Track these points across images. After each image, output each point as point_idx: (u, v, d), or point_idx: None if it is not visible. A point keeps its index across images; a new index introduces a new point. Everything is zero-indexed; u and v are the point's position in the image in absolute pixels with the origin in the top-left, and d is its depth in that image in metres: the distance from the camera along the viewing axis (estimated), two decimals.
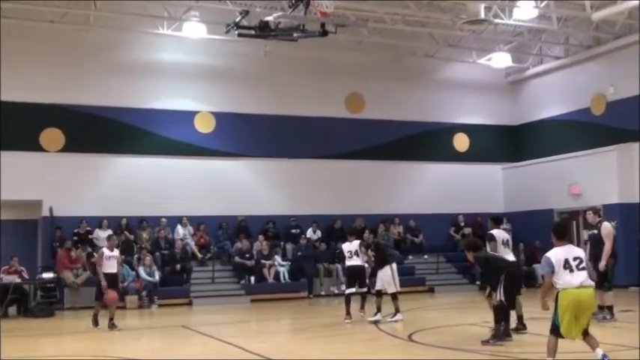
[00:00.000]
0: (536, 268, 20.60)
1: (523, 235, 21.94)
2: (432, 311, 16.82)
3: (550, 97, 23.96)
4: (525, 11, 19.11)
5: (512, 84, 25.36)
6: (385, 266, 13.55)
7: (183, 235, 20.30)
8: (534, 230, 21.33)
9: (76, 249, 18.83)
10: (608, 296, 12.17)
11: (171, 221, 20.49)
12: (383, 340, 11.64)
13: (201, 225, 20.76)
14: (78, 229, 19.45)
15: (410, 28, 20.67)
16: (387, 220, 22.53)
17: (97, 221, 19.68)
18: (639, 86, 20.02)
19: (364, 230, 16.97)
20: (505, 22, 19.50)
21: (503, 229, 11.87)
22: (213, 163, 21.46)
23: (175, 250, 19.63)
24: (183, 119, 21.28)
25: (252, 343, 11.16)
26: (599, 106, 22.06)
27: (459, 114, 24.62)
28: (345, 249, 13.99)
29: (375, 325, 12.86)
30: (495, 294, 10.24)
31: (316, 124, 22.53)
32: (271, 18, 14.82)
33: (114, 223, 19.82)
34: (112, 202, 20.00)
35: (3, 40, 18.29)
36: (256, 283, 19.88)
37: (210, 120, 21.70)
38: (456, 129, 24.71)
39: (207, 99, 21.73)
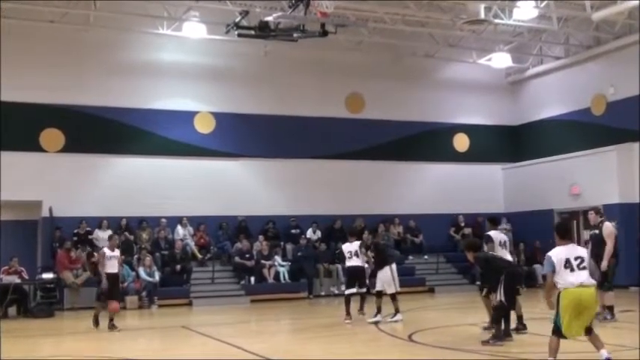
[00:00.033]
0: (537, 268, 20.69)
1: (523, 236, 21.99)
2: (432, 311, 16.83)
3: (550, 97, 23.94)
4: (525, 11, 19.09)
5: (512, 84, 25.33)
6: (385, 267, 13.54)
7: (183, 236, 20.29)
8: (534, 230, 21.37)
9: (76, 249, 18.81)
10: (608, 296, 12.17)
11: (171, 221, 20.48)
12: (383, 341, 11.63)
13: (201, 225, 20.74)
14: (78, 229, 19.44)
15: (410, 28, 20.66)
16: (387, 221, 22.50)
17: (97, 221, 19.67)
18: (639, 86, 20.02)
19: (364, 231, 16.96)
20: (505, 22, 19.47)
21: (501, 229, 11.87)
22: (213, 163, 21.44)
23: (175, 251, 19.62)
24: (183, 119, 21.26)
25: (252, 343, 11.17)
26: (599, 106, 22.04)
27: (459, 114, 24.59)
28: (345, 249, 13.98)
29: (375, 326, 12.84)
30: (495, 294, 10.25)
31: (316, 124, 22.51)
32: (271, 18, 14.83)
33: (114, 223, 19.82)
34: (111, 203, 19.99)
35: (3, 40, 18.28)
36: (256, 283, 19.87)
37: (210, 120, 21.68)
38: (456, 129, 24.68)
39: (207, 99, 21.72)
